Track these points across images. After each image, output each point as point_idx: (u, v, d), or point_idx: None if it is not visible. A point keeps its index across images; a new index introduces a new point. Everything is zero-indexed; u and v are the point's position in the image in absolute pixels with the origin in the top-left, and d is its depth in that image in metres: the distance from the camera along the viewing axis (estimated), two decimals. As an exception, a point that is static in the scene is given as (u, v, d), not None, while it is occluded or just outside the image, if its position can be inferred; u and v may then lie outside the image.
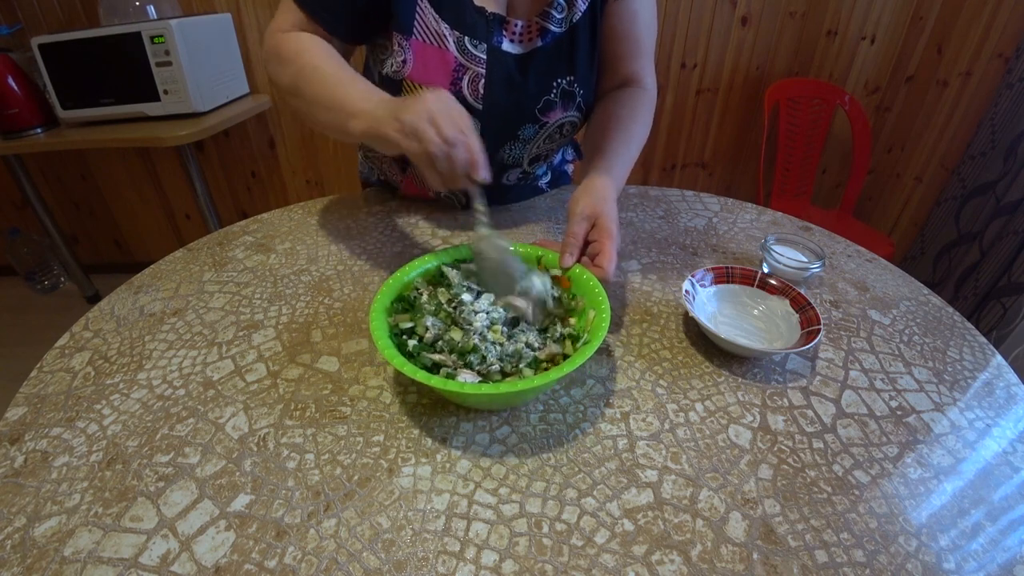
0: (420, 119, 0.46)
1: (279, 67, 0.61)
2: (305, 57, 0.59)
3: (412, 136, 0.47)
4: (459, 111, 0.49)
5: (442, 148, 0.46)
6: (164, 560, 0.36)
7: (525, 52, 0.66)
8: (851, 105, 1.77)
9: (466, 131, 0.48)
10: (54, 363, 0.53)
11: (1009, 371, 0.52)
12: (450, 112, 0.48)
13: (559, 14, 0.64)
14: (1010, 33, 1.53)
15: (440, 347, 0.47)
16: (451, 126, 0.47)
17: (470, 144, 0.48)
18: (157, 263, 0.70)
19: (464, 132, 0.47)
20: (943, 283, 1.69)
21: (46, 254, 2.15)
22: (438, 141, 0.46)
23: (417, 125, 0.46)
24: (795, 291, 0.56)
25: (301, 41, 0.60)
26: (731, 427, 0.46)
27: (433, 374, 0.42)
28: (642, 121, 0.69)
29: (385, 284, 0.50)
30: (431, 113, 0.47)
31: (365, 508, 0.39)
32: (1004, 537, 0.37)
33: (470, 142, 0.48)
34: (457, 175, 0.49)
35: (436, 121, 0.46)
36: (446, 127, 0.46)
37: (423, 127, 0.46)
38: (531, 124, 0.69)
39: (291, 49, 0.60)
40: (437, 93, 0.49)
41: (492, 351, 0.46)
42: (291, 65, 0.59)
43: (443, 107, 0.47)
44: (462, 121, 0.48)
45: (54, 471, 0.42)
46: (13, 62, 1.53)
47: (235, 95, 1.73)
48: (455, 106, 0.49)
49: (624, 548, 0.36)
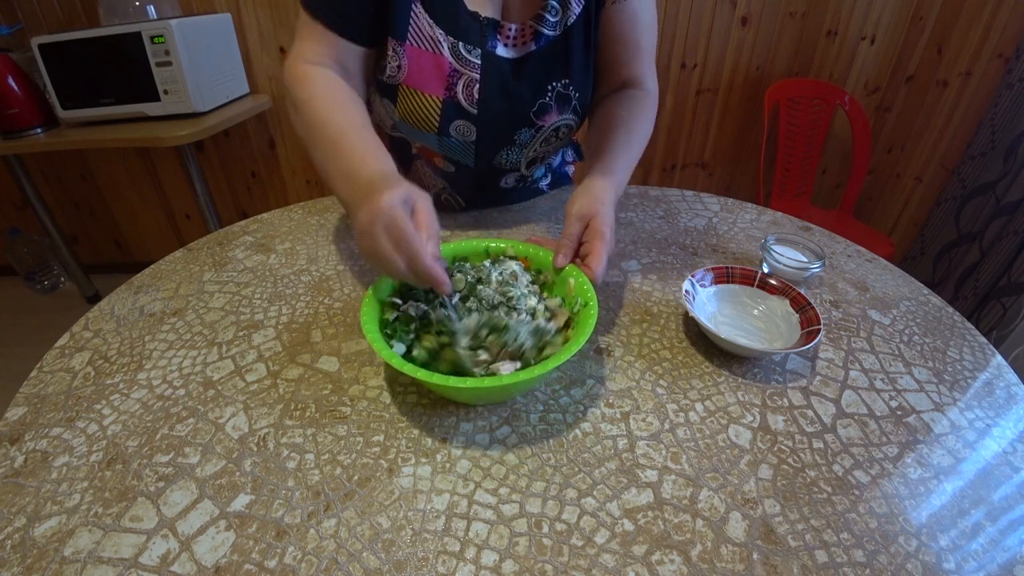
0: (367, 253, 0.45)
1: (293, 113, 0.59)
2: (312, 108, 0.56)
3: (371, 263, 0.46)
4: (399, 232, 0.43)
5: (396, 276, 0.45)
6: (164, 560, 0.36)
7: (519, 56, 0.66)
8: (851, 105, 1.77)
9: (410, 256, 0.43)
10: (54, 363, 0.53)
11: (1009, 371, 0.52)
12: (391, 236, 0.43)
13: (553, 17, 0.64)
14: (1010, 33, 1.53)
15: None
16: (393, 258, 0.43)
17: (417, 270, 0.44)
18: (157, 263, 0.70)
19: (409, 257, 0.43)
20: (943, 283, 1.69)
21: (46, 254, 2.15)
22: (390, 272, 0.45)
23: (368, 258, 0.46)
24: (795, 291, 0.56)
25: (314, 85, 0.58)
26: (731, 427, 0.46)
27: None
28: (643, 122, 0.68)
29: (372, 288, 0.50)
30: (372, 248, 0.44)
31: (365, 508, 0.39)
32: (1004, 537, 0.37)
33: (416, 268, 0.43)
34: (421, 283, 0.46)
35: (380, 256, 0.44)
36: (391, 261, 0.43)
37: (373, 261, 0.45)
38: (527, 128, 0.69)
39: (303, 96, 0.57)
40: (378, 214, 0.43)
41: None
42: (301, 114, 0.57)
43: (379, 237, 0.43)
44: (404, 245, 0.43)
45: (54, 471, 0.42)
46: (13, 62, 1.53)
47: (235, 95, 1.73)
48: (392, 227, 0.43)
49: (624, 548, 0.36)
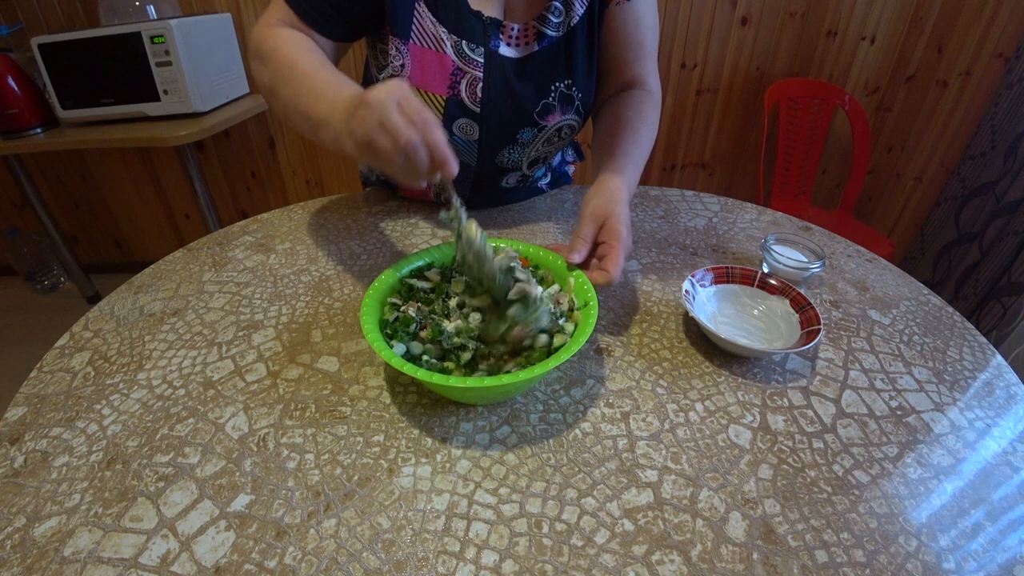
0: (372, 128, 0.42)
1: (259, 66, 0.58)
2: (281, 54, 0.56)
3: (368, 148, 0.43)
4: (409, 102, 0.43)
5: (400, 154, 0.43)
6: (164, 560, 0.36)
7: (522, 56, 0.66)
8: (851, 105, 1.77)
9: (424, 127, 0.42)
10: (54, 363, 0.53)
11: (1009, 371, 0.52)
12: (401, 107, 0.42)
13: (556, 18, 0.64)
14: (1010, 33, 1.53)
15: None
16: (402, 129, 0.42)
17: (429, 140, 0.43)
18: (157, 263, 0.70)
19: (423, 128, 0.42)
20: (943, 283, 1.69)
21: (46, 254, 2.15)
22: (393, 149, 0.42)
23: (369, 137, 0.43)
24: (795, 291, 0.56)
25: (280, 37, 0.58)
26: (731, 427, 0.46)
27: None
28: (649, 122, 0.68)
29: (372, 288, 0.50)
30: (379, 118, 0.42)
31: (365, 508, 0.39)
32: (1004, 537, 0.37)
33: (429, 138, 0.43)
34: (423, 174, 0.45)
35: (388, 126, 0.42)
36: (401, 131, 0.42)
37: (376, 137, 0.42)
38: (529, 128, 0.69)
39: (270, 46, 0.57)
40: (385, 89, 0.43)
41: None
42: (269, 63, 0.57)
43: (390, 105, 0.42)
44: (418, 116, 0.42)
45: (54, 471, 0.42)
46: (13, 62, 1.53)
47: (235, 95, 1.73)
48: (405, 98, 0.43)
49: (624, 548, 0.36)
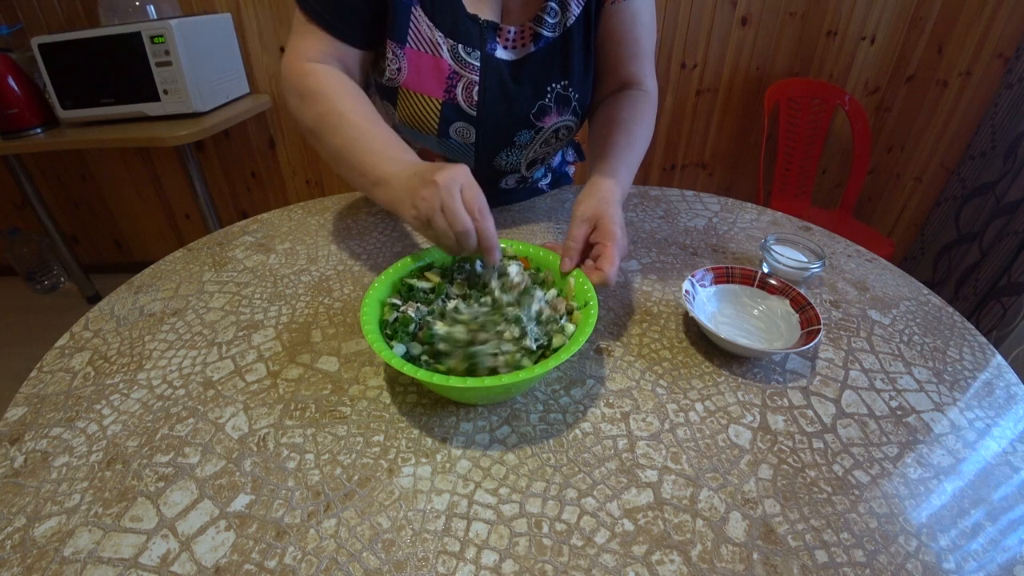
0: (433, 210, 0.47)
1: (301, 104, 0.60)
2: (328, 102, 0.57)
3: (427, 225, 0.48)
4: (472, 191, 0.48)
5: (451, 238, 0.48)
6: (164, 560, 0.36)
7: (518, 58, 0.66)
8: (851, 105, 1.77)
9: (478, 215, 0.47)
10: (54, 363, 0.53)
11: (1009, 371, 0.52)
12: (463, 193, 0.47)
13: (552, 19, 0.64)
14: (1010, 33, 1.53)
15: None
16: (460, 217, 0.46)
17: (481, 230, 0.48)
18: (157, 263, 0.70)
19: (476, 216, 0.47)
20: (943, 283, 1.69)
21: (46, 254, 2.15)
22: (449, 232, 0.47)
23: (430, 215, 0.47)
24: (795, 291, 0.56)
25: (325, 80, 0.59)
26: (731, 427, 0.46)
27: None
28: (645, 123, 0.68)
29: (372, 288, 0.50)
30: (442, 201, 0.46)
31: (365, 508, 0.39)
32: (1004, 537, 0.37)
33: (481, 227, 0.48)
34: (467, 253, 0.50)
35: (448, 211, 0.46)
36: (456, 218, 0.46)
37: (436, 218, 0.47)
38: (527, 129, 0.69)
39: (314, 88, 0.58)
40: (451, 174, 0.47)
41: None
42: (314, 107, 0.58)
43: (454, 192, 0.47)
44: (474, 203, 0.48)
45: (54, 471, 0.42)
46: (13, 62, 1.53)
47: (235, 95, 1.73)
48: (469, 187, 0.48)
49: (624, 548, 0.36)
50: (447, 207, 0.47)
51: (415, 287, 0.52)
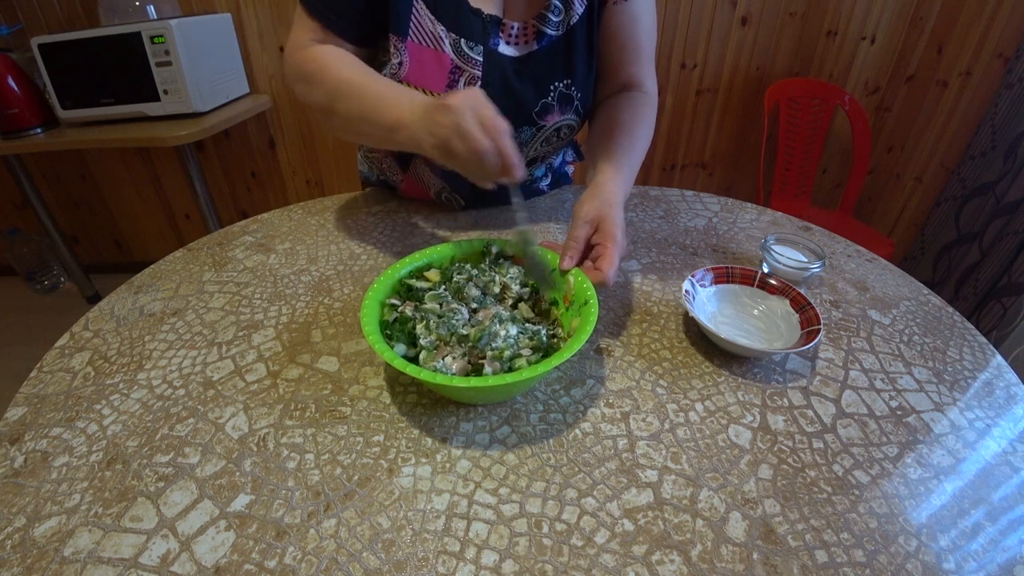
0: (450, 132, 0.47)
1: (308, 87, 0.60)
2: (333, 72, 0.58)
3: (445, 150, 0.48)
4: (490, 114, 0.48)
5: (474, 158, 0.47)
6: (164, 560, 0.36)
7: (521, 55, 0.66)
8: (851, 105, 1.77)
9: (498, 135, 0.48)
10: (54, 363, 0.53)
11: (1009, 371, 0.52)
12: (481, 119, 0.47)
13: (556, 17, 0.64)
14: (1010, 33, 1.53)
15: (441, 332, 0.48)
16: (481, 136, 0.47)
17: (501, 148, 0.48)
18: (157, 263, 0.70)
19: (495, 135, 0.47)
20: (943, 283, 1.69)
21: (46, 254, 2.15)
22: (467, 153, 0.47)
23: (448, 140, 0.47)
24: (795, 291, 0.56)
25: (323, 56, 0.60)
26: (731, 427, 0.46)
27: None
28: (645, 125, 0.68)
29: (372, 288, 0.50)
30: (458, 124, 0.47)
31: (365, 508, 0.39)
32: (1004, 537, 0.37)
33: (502, 147, 0.48)
34: (491, 176, 0.50)
35: (464, 131, 0.47)
36: (474, 139, 0.47)
37: (453, 141, 0.47)
38: (528, 127, 0.69)
39: (316, 67, 0.59)
40: (464, 97, 0.48)
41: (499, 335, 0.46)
42: (321, 84, 0.59)
43: (468, 114, 0.47)
44: (491, 124, 0.47)
45: (54, 471, 0.42)
46: (13, 62, 1.53)
47: (235, 95, 1.73)
48: (483, 107, 0.48)
49: (624, 548, 0.36)
50: (462, 129, 0.47)
51: (415, 287, 0.52)
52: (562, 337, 0.50)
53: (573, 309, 0.51)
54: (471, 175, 0.50)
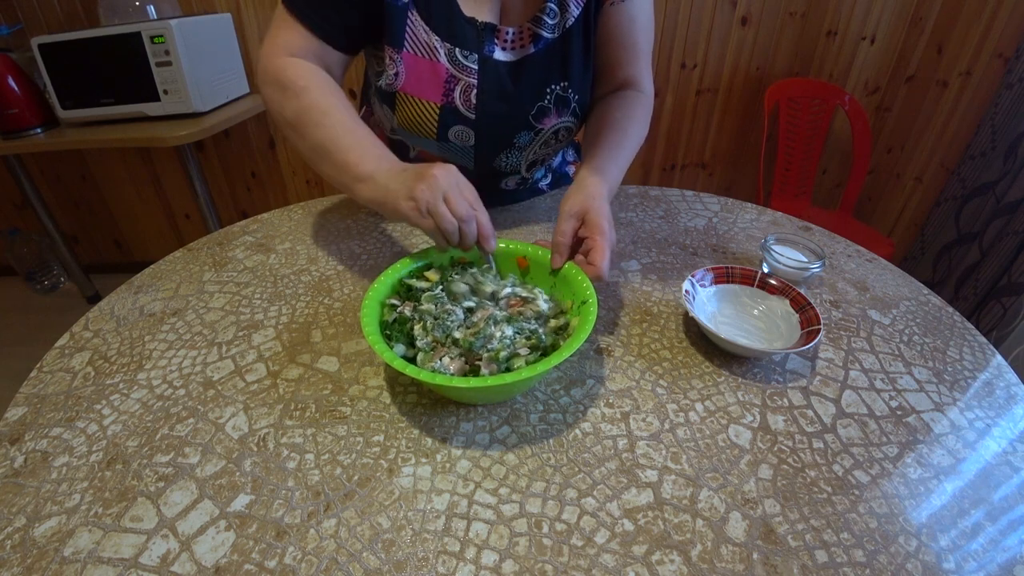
0: (435, 199, 0.49)
1: (281, 97, 0.59)
2: (312, 97, 0.58)
3: (426, 215, 0.50)
4: (468, 187, 0.52)
5: (455, 224, 0.50)
6: (164, 560, 0.36)
7: (517, 59, 0.65)
8: (851, 105, 1.77)
9: (476, 206, 0.51)
10: (54, 363, 0.53)
11: (1009, 371, 0.52)
12: (460, 190, 0.50)
13: (551, 20, 0.64)
14: (1010, 33, 1.53)
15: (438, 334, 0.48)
16: (463, 205, 0.50)
17: (480, 219, 0.51)
18: (157, 263, 0.70)
19: (474, 207, 0.51)
20: (943, 283, 1.69)
21: (46, 254, 2.15)
22: (452, 219, 0.49)
23: (432, 204, 0.49)
24: (795, 291, 0.56)
25: (307, 75, 0.59)
26: (731, 427, 0.46)
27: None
28: (638, 123, 0.68)
29: (372, 288, 0.50)
30: (444, 191, 0.49)
31: (365, 508, 0.39)
32: (1004, 537, 0.37)
33: (480, 217, 0.51)
34: (468, 246, 0.52)
35: (449, 199, 0.49)
36: (459, 206, 0.49)
37: (437, 207, 0.49)
38: (526, 131, 0.69)
39: (296, 83, 0.58)
40: (446, 169, 0.51)
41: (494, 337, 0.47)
42: (295, 101, 0.58)
43: (454, 184, 0.50)
44: (471, 196, 0.51)
45: (54, 471, 0.42)
46: (13, 62, 1.53)
47: (235, 95, 1.73)
48: (463, 182, 0.51)
49: (624, 548, 0.36)
50: (449, 196, 0.49)
51: (414, 287, 0.52)
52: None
53: (573, 309, 0.51)
54: (444, 239, 0.51)
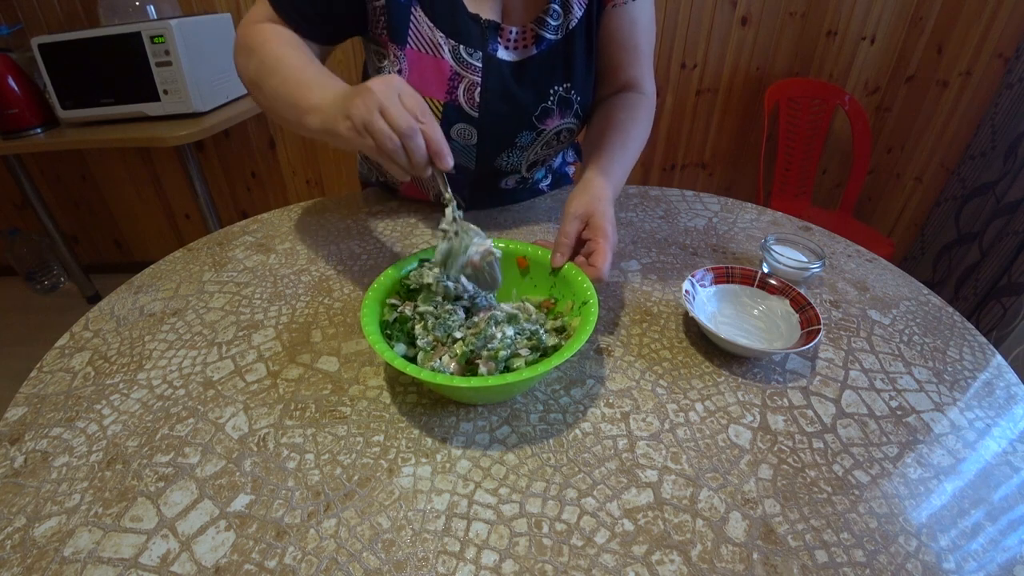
0: (370, 112, 0.43)
1: (244, 58, 0.59)
2: (268, 47, 0.57)
3: (364, 132, 0.44)
4: (411, 95, 0.45)
5: (396, 141, 0.43)
6: (164, 560, 0.36)
7: (520, 59, 0.65)
8: (851, 105, 1.77)
9: (421, 116, 0.44)
10: (54, 363, 0.53)
11: (1009, 371, 0.52)
12: (401, 98, 0.44)
13: (554, 21, 0.64)
14: (1010, 33, 1.53)
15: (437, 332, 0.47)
16: (402, 116, 0.43)
17: (428, 131, 0.44)
18: (157, 263, 0.70)
19: (419, 118, 0.44)
20: (943, 283, 1.69)
21: (46, 254, 2.15)
22: (391, 134, 0.43)
23: (367, 119, 0.43)
24: (795, 291, 0.56)
25: (267, 32, 0.59)
26: (731, 427, 0.46)
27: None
28: (641, 125, 0.68)
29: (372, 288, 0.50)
30: (380, 103, 0.43)
31: (365, 508, 0.39)
32: (1004, 537, 0.37)
33: (427, 129, 0.44)
34: (418, 165, 0.45)
35: (386, 111, 0.43)
36: (398, 117, 0.43)
37: (373, 121, 0.43)
38: (528, 131, 0.69)
39: (256, 40, 0.58)
40: (386, 80, 0.45)
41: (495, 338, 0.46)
42: (254, 56, 0.57)
43: (391, 94, 0.43)
44: (415, 106, 0.44)
45: (54, 471, 0.42)
46: (13, 62, 1.53)
47: (235, 95, 1.72)
48: (406, 90, 0.45)
49: (624, 548, 0.36)
50: (385, 108, 0.43)
51: (415, 287, 0.52)
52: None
53: (574, 309, 0.51)
54: (393, 163, 0.45)
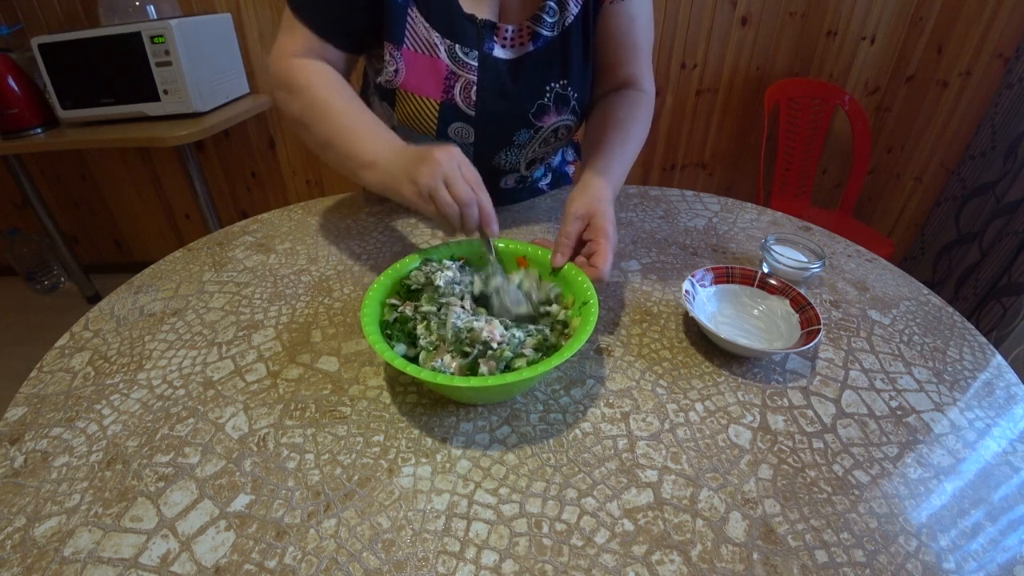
0: (435, 181, 0.48)
1: (288, 96, 0.61)
2: (314, 92, 0.59)
3: (428, 199, 0.49)
4: (469, 167, 0.51)
5: (456, 209, 0.49)
6: (164, 560, 0.36)
7: (516, 57, 0.66)
8: (851, 105, 1.77)
9: (477, 189, 0.50)
10: (54, 363, 0.53)
11: (1009, 371, 0.52)
12: (461, 169, 0.50)
13: (551, 18, 0.64)
14: (1010, 33, 1.53)
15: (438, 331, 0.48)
16: (464, 188, 0.49)
17: (482, 203, 0.50)
18: (157, 263, 0.70)
19: (476, 190, 0.50)
20: (943, 283, 1.69)
21: (46, 254, 2.15)
22: (452, 204, 0.49)
23: (432, 188, 0.48)
24: (795, 291, 0.56)
25: (309, 71, 0.60)
26: (731, 427, 0.46)
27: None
28: (640, 123, 0.68)
29: (372, 288, 0.50)
30: (445, 175, 0.49)
31: (365, 508, 0.39)
32: (1004, 537, 0.37)
33: (482, 200, 0.50)
34: (469, 230, 0.51)
35: (450, 183, 0.49)
36: (460, 189, 0.49)
37: (438, 189, 0.48)
38: (525, 129, 0.69)
39: (301, 80, 0.59)
40: (449, 152, 0.50)
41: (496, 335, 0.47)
42: (301, 97, 0.59)
43: (454, 166, 0.49)
44: (473, 179, 0.50)
45: (54, 471, 0.42)
46: (13, 62, 1.53)
47: (235, 95, 1.73)
48: (466, 164, 0.51)
49: (624, 548, 0.36)
50: (450, 179, 0.49)
51: (415, 287, 0.52)
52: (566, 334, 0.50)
53: (574, 309, 0.51)
54: (448, 224, 0.51)
